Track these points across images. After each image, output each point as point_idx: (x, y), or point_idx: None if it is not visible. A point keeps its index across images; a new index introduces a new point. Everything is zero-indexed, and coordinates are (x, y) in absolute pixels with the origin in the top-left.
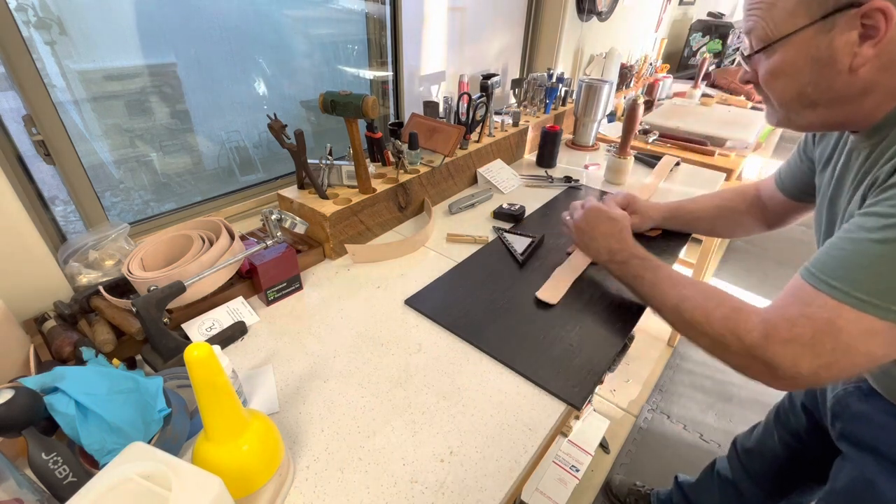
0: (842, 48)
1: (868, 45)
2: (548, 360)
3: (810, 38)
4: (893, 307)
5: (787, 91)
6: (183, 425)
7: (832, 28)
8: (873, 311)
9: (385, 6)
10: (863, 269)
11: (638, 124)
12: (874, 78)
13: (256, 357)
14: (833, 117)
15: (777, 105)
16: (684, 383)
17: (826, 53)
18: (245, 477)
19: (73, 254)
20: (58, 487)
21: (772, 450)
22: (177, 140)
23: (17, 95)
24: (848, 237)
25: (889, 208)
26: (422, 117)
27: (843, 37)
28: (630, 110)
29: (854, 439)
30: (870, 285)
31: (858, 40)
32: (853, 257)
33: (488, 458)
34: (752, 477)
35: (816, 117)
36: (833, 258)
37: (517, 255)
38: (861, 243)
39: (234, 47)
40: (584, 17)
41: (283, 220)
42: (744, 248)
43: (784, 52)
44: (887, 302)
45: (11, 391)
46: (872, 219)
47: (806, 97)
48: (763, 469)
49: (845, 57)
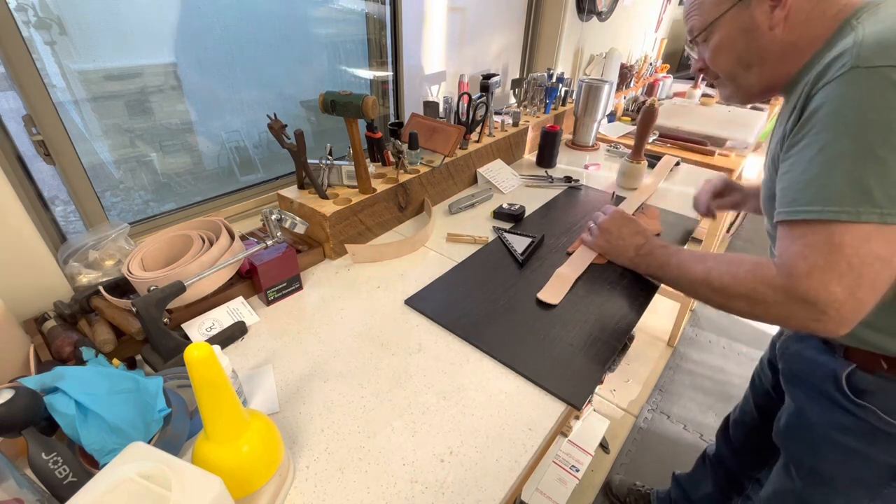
0: (760, 16)
1: (778, 9)
2: (548, 360)
3: (735, 16)
4: (863, 210)
5: (729, 60)
6: (183, 425)
7: (749, 4)
8: (854, 217)
9: (385, 6)
10: (822, 187)
11: (652, 129)
12: (787, 37)
13: (256, 357)
14: (768, 75)
15: (725, 77)
16: (684, 383)
17: (749, 23)
18: (245, 477)
19: (73, 254)
20: (58, 487)
21: (749, 415)
22: (177, 140)
23: (17, 95)
24: (796, 170)
25: (813, 135)
26: (422, 117)
27: (758, 7)
28: (645, 114)
29: (789, 377)
30: (837, 197)
31: (769, 9)
32: (809, 182)
33: (488, 458)
34: (735, 450)
35: (755, 76)
36: (794, 191)
37: (517, 255)
38: (808, 169)
39: (235, 47)
40: (584, 17)
41: (283, 220)
42: (742, 247)
43: (719, 32)
44: (857, 206)
45: (11, 391)
46: (806, 147)
47: (743, 61)
48: (743, 438)
49: (764, 22)
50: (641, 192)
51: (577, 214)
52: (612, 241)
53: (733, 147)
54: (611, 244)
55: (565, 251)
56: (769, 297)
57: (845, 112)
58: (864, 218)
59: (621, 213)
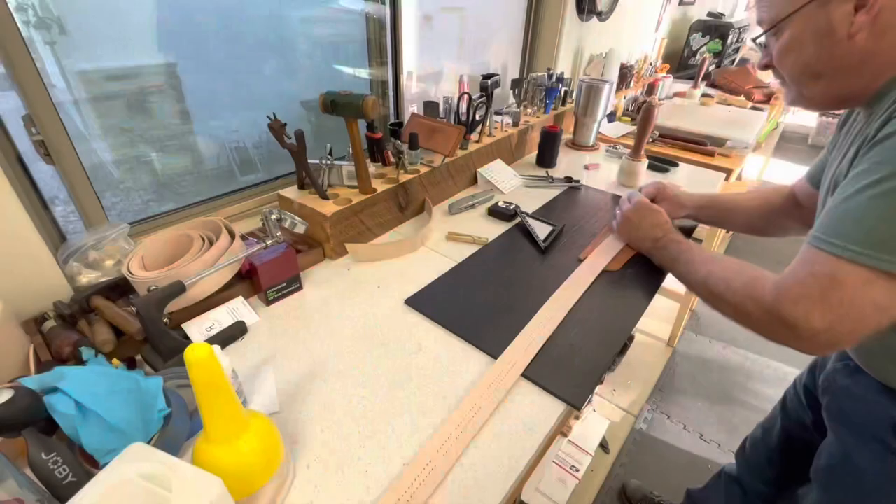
0: (839, 19)
1: (862, 13)
2: (548, 360)
3: (811, 14)
4: (884, 256)
5: (796, 65)
6: (183, 425)
7: (828, 2)
8: (867, 261)
9: (385, 6)
10: (855, 223)
11: (652, 127)
12: (870, 46)
13: (256, 357)
14: (837, 88)
15: (789, 81)
16: (684, 383)
17: (825, 25)
18: (245, 477)
19: (73, 254)
20: (58, 487)
21: (775, 438)
22: (177, 140)
23: (17, 95)
24: (841, 196)
25: (873, 164)
26: (422, 117)
27: (839, 9)
28: (645, 113)
29: (835, 413)
30: (862, 237)
31: (853, 11)
32: (846, 214)
33: (488, 457)
34: (753, 469)
35: (823, 88)
36: (830, 218)
37: (539, 241)
38: (851, 199)
39: (235, 47)
40: (584, 17)
41: (283, 219)
42: (744, 247)
43: (790, 30)
44: (879, 252)
45: (11, 391)
46: (861, 175)
47: (811, 68)
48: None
49: (843, 27)
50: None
51: (577, 214)
52: (631, 230)
53: (733, 147)
54: (630, 233)
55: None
56: (754, 313)
57: None
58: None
59: (644, 204)
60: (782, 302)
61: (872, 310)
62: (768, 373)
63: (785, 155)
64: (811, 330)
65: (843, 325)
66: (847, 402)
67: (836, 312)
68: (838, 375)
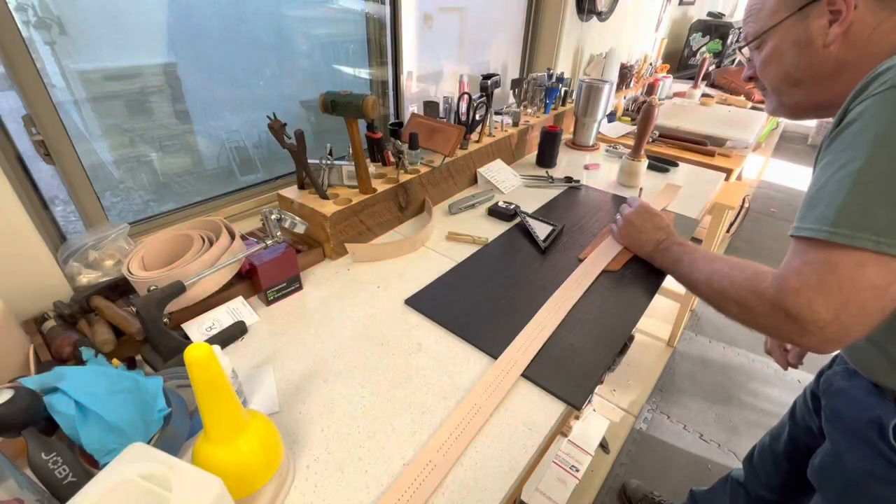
0: (816, 30)
1: (836, 25)
2: (548, 360)
3: (791, 27)
4: (859, 234)
5: (777, 74)
6: (183, 425)
7: (807, 17)
8: (849, 241)
9: (385, 6)
10: (829, 207)
11: (652, 127)
12: (843, 55)
13: (256, 357)
14: (816, 95)
15: (770, 90)
16: (684, 383)
17: (804, 36)
18: (245, 477)
19: (73, 254)
20: (58, 487)
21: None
22: (177, 140)
23: (17, 95)
24: (814, 187)
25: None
26: (422, 117)
27: (816, 22)
28: (645, 113)
29: (830, 415)
30: (839, 219)
31: (828, 24)
32: (820, 200)
33: (488, 458)
34: (760, 476)
35: (802, 96)
36: (808, 208)
37: (539, 241)
38: (821, 187)
39: (235, 47)
40: (584, 17)
41: (283, 219)
42: (742, 247)
43: (772, 41)
44: (854, 230)
45: (11, 391)
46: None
47: (791, 76)
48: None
49: (819, 37)
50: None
51: (577, 214)
52: (634, 233)
53: (733, 147)
54: (633, 237)
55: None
56: (758, 307)
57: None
58: (857, 243)
59: (646, 208)
60: (785, 293)
61: (872, 292)
62: (768, 373)
63: (785, 155)
64: (819, 322)
65: (849, 312)
66: (841, 403)
67: (838, 299)
68: (836, 378)
